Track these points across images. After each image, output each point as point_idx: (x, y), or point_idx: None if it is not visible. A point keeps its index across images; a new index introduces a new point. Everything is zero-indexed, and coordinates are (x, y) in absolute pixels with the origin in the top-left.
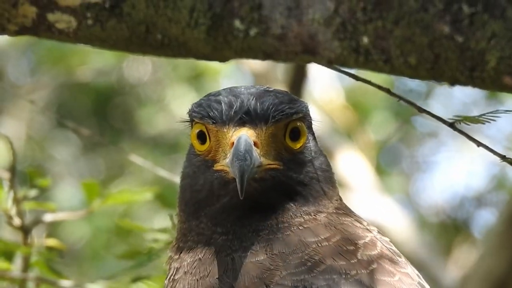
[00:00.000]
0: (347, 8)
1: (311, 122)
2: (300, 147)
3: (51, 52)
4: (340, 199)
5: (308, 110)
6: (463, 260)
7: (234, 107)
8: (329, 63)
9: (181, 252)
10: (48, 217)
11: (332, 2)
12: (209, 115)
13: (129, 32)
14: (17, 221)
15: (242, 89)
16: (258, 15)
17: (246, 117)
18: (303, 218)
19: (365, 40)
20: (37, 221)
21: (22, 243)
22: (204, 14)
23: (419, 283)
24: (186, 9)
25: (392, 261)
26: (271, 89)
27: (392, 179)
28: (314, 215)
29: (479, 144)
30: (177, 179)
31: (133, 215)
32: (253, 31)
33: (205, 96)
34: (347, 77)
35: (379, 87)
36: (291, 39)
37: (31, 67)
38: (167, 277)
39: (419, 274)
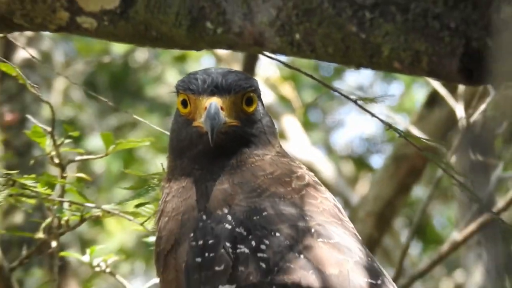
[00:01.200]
0: (285, 14)
1: (260, 93)
2: (253, 110)
3: (82, 42)
4: (280, 146)
5: (258, 85)
6: (365, 185)
7: (207, 82)
8: (273, 52)
9: (170, 182)
10: (78, 158)
11: (274, 10)
12: (189, 88)
13: (133, 30)
14: (56, 160)
15: (213, 70)
16: (223, 19)
17: (215, 90)
18: (255, 158)
19: (298, 36)
20: (70, 161)
21: (60, 176)
22: (185, 17)
23: (334, 204)
24: (173, 14)
25: (316, 189)
26: (233, 70)
27: (317, 132)
28: (262, 157)
29: (373, 115)
30: (167, 132)
31: (138, 157)
32: (219, 30)
33: (187, 74)
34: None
35: (302, 72)
36: (246, 35)
37: (69, 52)
38: (161, 200)
39: (334, 198)
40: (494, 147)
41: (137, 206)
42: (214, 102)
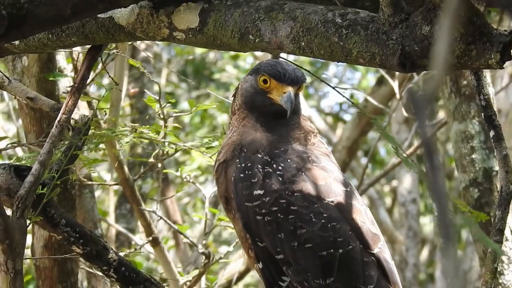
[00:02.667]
0: (296, 30)
1: None
2: (299, 92)
3: (178, 46)
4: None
5: None
6: (341, 131)
7: (286, 76)
8: (288, 53)
9: (236, 122)
10: (174, 114)
11: (289, 28)
12: (273, 75)
13: (206, 40)
14: (161, 116)
15: (286, 66)
16: (259, 33)
17: (291, 82)
18: (294, 121)
19: (303, 44)
20: (170, 116)
21: (163, 126)
22: (237, 32)
23: (329, 152)
24: (230, 31)
25: (321, 142)
26: (295, 67)
27: (311, 99)
28: (298, 120)
29: (343, 96)
30: (227, 100)
31: (209, 114)
32: (257, 40)
33: (269, 62)
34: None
35: (303, 68)
36: (272, 43)
37: (170, 53)
38: (229, 130)
39: (327, 147)
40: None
41: (209, 145)
42: (291, 92)
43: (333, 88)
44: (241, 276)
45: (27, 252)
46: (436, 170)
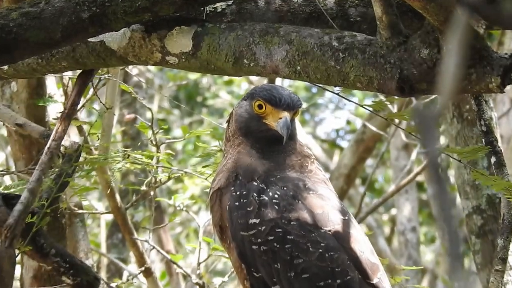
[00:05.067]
0: (291, 54)
1: None
2: (295, 117)
3: (170, 71)
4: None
5: None
6: (338, 158)
7: (282, 101)
8: (283, 78)
9: (231, 148)
10: (167, 141)
11: (284, 52)
12: (269, 101)
13: (199, 64)
14: (154, 142)
15: (281, 91)
16: (254, 57)
17: (286, 107)
18: (290, 146)
19: (298, 68)
20: (162, 143)
21: (156, 152)
22: (231, 57)
23: (327, 179)
24: (224, 55)
25: (319, 169)
26: (291, 92)
27: (308, 126)
28: (294, 146)
29: (350, 101)
30: (220, 125)
31: (203, 140)
32: (252, 64)
33: (264, 87)
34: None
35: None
36: (267, 67)
37: (162, 78)
38: (223, 158)
39: (325, 174)
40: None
41: (204, 167)
42: (287, 117)
43: (338, 94)
44: None
45: (16, 283)
46: (444, 191)
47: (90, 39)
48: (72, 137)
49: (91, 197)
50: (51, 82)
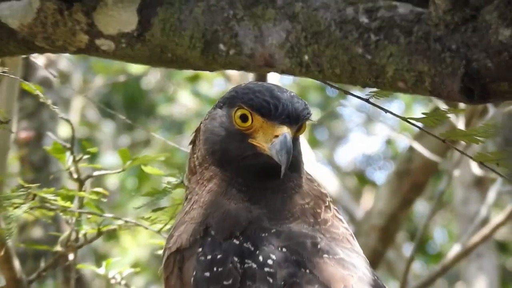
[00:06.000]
0: (294, 36)
1: None
2: (299, 134)
3: (99, 62)
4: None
5: None
6: (367, 201)
7: (279, 109)
8: (282, 73)
9: (198, 185)
10: (96, 173)
11: (284, 32)
12: (258, 109)
13: (149, 52)
14: (75, 175)
15: (278, 93)
16: (235, 41)
17: (287, 119)
18: (293, 182)
19: (306, 58)
20: (89, 176)
21: (78, 190)
22: (199, 40)
23: (351, 234)
24: (188, 37)
25: (338, 219)
26: (294, 95)
27: (321, 148)
28: (299, 181)
29: (386, 111)
30: (181, 148)
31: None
32: (232, 52)
33: (250, 87)
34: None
35: (328, 84)
36: (257, 57)
37: (86, 73)
38: (186, 201)
39: (348, 227)
40: None
41: (154, 211)
42: (288, 135)
43: (367, 101)
44: None
45: None
46: None
47: None
48: None
49: None
50: None
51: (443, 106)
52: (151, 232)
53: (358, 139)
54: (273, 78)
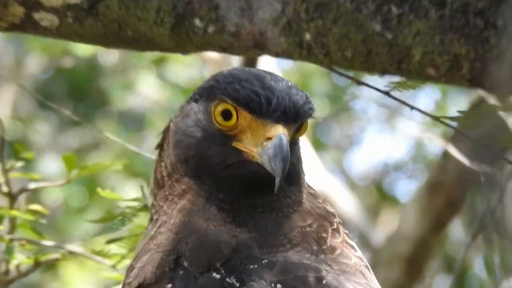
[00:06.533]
0: (292, 9)
1: None
2: (298, 136)
3: (36, 41)
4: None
5: None
6: (388, 222)
7: (273, 104)
8: (276, 56)
9: (167, 201)
10: (32, 185)
11: (279, 4)
12: (246, 103)
13: (104, 29)
14: (5, 188)
15: (272, 82)
16: (215, 15)
17: (283, 116)
18: (291, 198)
19: (308, 36)
20: (23, 189)
21: (9, 208)
22: (168, 14)
23: (366, 265)
24: (153, 10)
25: (350, 245)
26: (292, 85)
27: (328, 152)
28: (298, 197)
29: (412, 107)
30: (143, 152)
31: (104, 184)
32: (211, 29)
33: (235, 74)
34: (285, 62)
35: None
36: (244, 35)
37: (19, 54)
38: (152, 224)
39: (362, 256)
40: None
41: (109, 242)
42: (284, 137)
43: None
44: None
45: None
46: None
47: None
48: None
49: None
50: None
51: (490, 99)
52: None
53: (376, 142)
54: (266, 62)
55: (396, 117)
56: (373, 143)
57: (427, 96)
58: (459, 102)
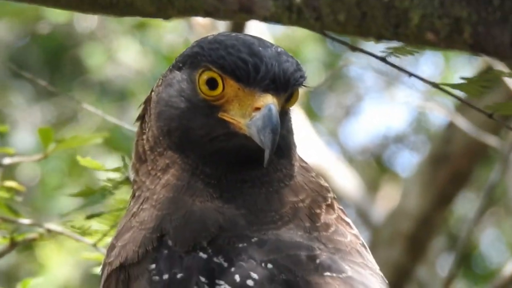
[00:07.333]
0: None
1: None
2: (289, 106)
3: (7, 6)
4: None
5: None
6: (389, 198)
7: (261, 71)
8: (264, 21)
9: (150, 177)
10: (7, 160)
11: None
12: (232, 71)
13: None
14: None
15: (260, 48)
16: None
17: (272, 85)
18: (281, 172)
19: None
20: None
21: None
22: None
23: (363, 244)
24: None
25: (345, 222)
26: (282, 51)
27: (322, 123)
28: (289, 171)
29: (410, 74)
30: (125, 124)
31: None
32: None
33: (220, 40)
34: (276, 27)
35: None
36: None
37: None
38: (134, 201)
39: (358, 234)
40: None
41: (89, 217)
42: (274, 107)
43: (383, 59)
44: None
45: None
46: None
47: None
48: None
49: None
50: None
51: (495, 65)
52: (84, 244)
53: (374, 112)
54: (254, 27)
55: (396, 86)
56: (372, 113)
57: (429, 63)
58: (464, 69)
